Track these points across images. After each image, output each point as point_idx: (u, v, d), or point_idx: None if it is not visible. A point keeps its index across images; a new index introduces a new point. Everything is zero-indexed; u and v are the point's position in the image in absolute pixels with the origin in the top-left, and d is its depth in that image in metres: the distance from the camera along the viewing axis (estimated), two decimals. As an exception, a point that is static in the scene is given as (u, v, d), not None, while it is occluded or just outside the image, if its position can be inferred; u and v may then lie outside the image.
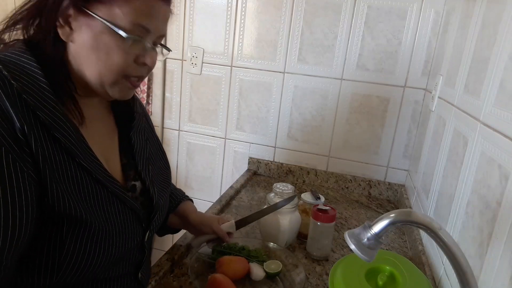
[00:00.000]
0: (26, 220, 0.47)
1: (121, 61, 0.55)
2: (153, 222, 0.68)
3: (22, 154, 0.48)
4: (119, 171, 0.66)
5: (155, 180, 0.71)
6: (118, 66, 0.55)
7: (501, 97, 0.64)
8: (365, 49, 1.33)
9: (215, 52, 1.50)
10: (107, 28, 0.53)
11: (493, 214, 0.60)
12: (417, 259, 0.94)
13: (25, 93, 0.49)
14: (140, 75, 0.59)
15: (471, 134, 0.75)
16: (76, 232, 0.52)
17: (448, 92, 0.99)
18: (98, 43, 0.54)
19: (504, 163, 0.59)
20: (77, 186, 0.53)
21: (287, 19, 1.38)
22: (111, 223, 0.57)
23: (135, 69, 0.58)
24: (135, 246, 0.64)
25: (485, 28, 0.78)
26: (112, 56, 0.55)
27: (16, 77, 0.50)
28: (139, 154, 0.69)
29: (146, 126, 0.77)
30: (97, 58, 0.55)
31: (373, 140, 1.40)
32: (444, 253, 0.48)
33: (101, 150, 0.62)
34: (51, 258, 0.52)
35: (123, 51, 0.55)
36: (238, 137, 1.55)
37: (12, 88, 0.49)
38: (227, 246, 0.88)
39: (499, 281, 0.54)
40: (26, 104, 0.49)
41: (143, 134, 0.73)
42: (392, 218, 0.49)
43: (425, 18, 1.26)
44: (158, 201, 0.69)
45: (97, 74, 0.56)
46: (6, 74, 0.49)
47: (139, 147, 0.70)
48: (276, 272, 0.84)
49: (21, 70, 0.52)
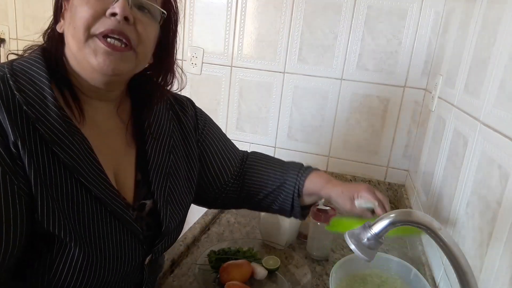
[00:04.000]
0: (14, 234, 0.46)
1: (85, 14, 0.52)
2: (157, 247, 0.64)
3: (15, 167, 0.47)
4: (131, 187, 0.62)
5: (172, 198, 0.66)
6: (82, 19, 0.52)
7: (501, 97, 0.64)
8: (365, 49, 1.33)
9: (215, 52, 1.50)
10: None
11: (493, 214, 0.60)
12: (417, 259, 0.94)
13: (27, 105, 0.49)
14: (109, 27, 0.52)
15: (471, 134, 0.75)
16: (66, 253, 0.50)
17: (448, 92, 0.99)
18: (71, 10, 0.54)
19: (504, 163, 0.59)
20: (71, 203, 0.51)
21: (287, 19, 1.38)
22: (105, 246, 0.54)
23: (103, 22, 0.52)
24: (133, 268, 0.60)
25: (485, 28, 0.78)
26: (79, 12, 0.52)
27: (21, 88, 0.50)
28: (156, 170, 0.64)
29: (176, 131, 0.72)
30: (69, 23, 0.54)
31: (373, 140, 1.40)
32: (444, 253, 0.48)
33: (112, 165, 0.59)
34: (41, 276, 0.50)
35: (87, 3, 0.52)
36: (238, 137, 1.55)
37: (14, 100, 0.48)
38: (223, 251, 0.88)
39: (499, 281, 0.54)
40: (26, 116, 0.49)
41: (165, 145, 0.67)
42: (392, 218, 0.49)
43: (425, 18, 1.26)
44: (168, 226, 0.64)
45: (72, 39, 0.54)
46: (11, 84, 0.49)
47: (157, 161, 0.65)
48: (276, 268, 0.85)
49: (28, 80, 0.51)
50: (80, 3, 0.53)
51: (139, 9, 0.56)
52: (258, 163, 0.85)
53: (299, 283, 0.82)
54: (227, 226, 1.09)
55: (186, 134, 0.75)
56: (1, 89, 0.49)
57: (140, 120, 0.67)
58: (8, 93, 0.48)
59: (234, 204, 0.86)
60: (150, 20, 0.58)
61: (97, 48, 0.53)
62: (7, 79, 0.50)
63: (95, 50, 0.53)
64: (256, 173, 0.83)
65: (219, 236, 1.03)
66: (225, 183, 0.80)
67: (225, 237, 1.03)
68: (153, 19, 0.59)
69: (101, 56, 0.53)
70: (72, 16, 0.53)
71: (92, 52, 0.53)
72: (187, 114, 0.77)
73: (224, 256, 0.86)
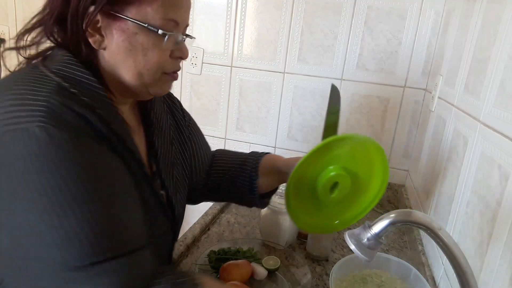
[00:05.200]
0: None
1: (159, 59, 0.55)
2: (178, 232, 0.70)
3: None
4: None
5: (178, 187, 0.70)
6: (157, 64, 0.55)
7: (501, 97, 0.64)
8: (365, 49, 1.33)
9: (215, 52, 1.50)
10: (141, 28, 0.52)
11: (493, 214, 0.60)
12: (417, 259, 0.94)
13: (97, 108, 0.50)
14: (178, 69, 0.59)
15: (471, 134, 0.75)
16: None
17: (448, 92, 0.99)
18: (133, 45, 0.53)
19: (504, 163, 0.59)
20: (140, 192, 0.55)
21: (287, 19, 1.38)
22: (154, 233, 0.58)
23: (171, 63, 0.57)
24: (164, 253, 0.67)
25: (485, 28, 0.78)
26: (150, 56, 0.54)
27: (84, 93, 0.50)
28: (164, 159, 0.67)
29: (173, 123, 0.75)
30: (135, 60, 0.54)
31: (373, 140, 1.40)
32: (444, 253, 0.48)
33: None
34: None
35: (159, 48, 0.54)
36: (238, 137, 1.55)
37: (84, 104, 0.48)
38: (223, 251, 0.88)
39: (499, 281, 0.54)
40: (100, 118, 0.49)
41: (168, 135, 0.71)
42: (392, 218, 0.49)
43: (425, 18, 1.26)
44: (179, 211, 0.69)
45: (137, 76, 0.55)
46: (75, 92, 0.49)
47: (164, 151, 0.68)
48: (276, 268, 0.85)
49: (82, 86, 0.51)
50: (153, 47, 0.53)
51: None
52: (223, 153, 0.89)
53: (299, 283, 0.82)
54: (227, 226, 1.09)
55: (178, 126, 0.77)
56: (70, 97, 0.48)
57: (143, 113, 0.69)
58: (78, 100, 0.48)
59: (199, 197, 0.87)
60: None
61: (168, 81, 0.59)
62: (66, 87, 0.49)
63: (166, 83, 0.59)
64: (220, 159, 0.86)
65: (219, 236, 1.03)
66: (200, 177, 0.83)
67: (225, 237, 1.03)
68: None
69: (164, 86, 0.59)
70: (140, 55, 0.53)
71: (162, 85, 0.58)
72: (176, 107, 0.79)
73: (224, 256, 0.86)
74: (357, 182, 0.76)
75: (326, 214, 0.78)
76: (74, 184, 0.43)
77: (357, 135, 0.72)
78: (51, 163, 0.42)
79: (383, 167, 0.74)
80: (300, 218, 0.73)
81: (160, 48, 0.54)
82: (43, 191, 0.42)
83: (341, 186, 0.74)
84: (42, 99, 0.45)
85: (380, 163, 0.75)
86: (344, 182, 0.75)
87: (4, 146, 0.42)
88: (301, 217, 0.73)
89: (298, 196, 0.71)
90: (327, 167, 0.72)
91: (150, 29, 0.52)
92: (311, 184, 0.73)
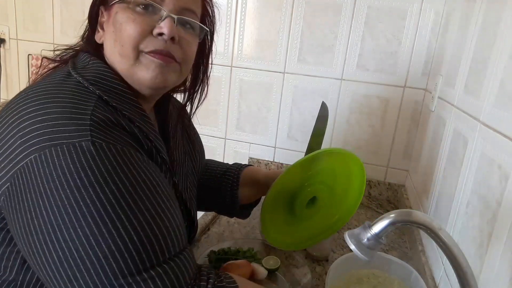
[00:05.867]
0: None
1: (133, 32, 0.52)
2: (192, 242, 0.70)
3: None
4: None
5: (192, 197, 0.70)
6: (129, 38, 0.52)
7: (501, 97, 0.64)
8: (365, 49, 1.33)
9: (215, 52, 1.49)
10: (119, 4, 0.52)
11: (493, 214, 0.60)
12: (417, 259, 0.94)
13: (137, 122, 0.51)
14: (157, 48, 0.53)
15: (471, 134, 0.75)
16: None
17: (448, 92, 0.99)
18: (115, 26, 0.53)
19: (504, 163, 0.59)
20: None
21: (287, 20, 1.38)
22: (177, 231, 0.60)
23: (150, 41, 0.53)
24: None
25: (485, 28, 0.78)
26: (125, 30, 0.52)
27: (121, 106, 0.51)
28: (179, 171, 0.67)
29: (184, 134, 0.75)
30: (115, 40, 0.53)
31: (373, 140, 1.40)
32: (444, 253, 0.48)
33: None
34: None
35: (133, 21, 0.52)
36: (238, 137, 1.55)
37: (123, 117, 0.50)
38: (223, 251, 0.88)
39: (499, 281, 0.54)
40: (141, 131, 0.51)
41: (182, 146, 0.70)
42: (392, 218, 0.49)
43: (425, 19, 1.26)
44: (196, 220, 0.69)
45: (119, 57, 0.53)
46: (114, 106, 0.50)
47: (180, 163, 0.68)
48: (276, 268, 0.85)
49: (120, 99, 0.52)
50: (126, 20, 0.52)
51: (182, 25, 0.57)
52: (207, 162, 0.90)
53: (299, 283, 0.82)
54: (227, 226, 1.09)
55: (188, 135, 0.77)
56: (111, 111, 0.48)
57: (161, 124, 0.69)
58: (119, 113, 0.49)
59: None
60: (193, 37, 0.59)
61: (149, 63, 0.54)
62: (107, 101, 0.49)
63: (148, 65, 0.54)
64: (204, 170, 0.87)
65: (219, 236, 1.03)
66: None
67: (225, 237, 1.03)
68: (195, 35, 0.60)
69: (154, 69, 0.54)
70: (117, 33, 0.53)
71: (144, 67, 0.54)
72: (186, 115, 0.78)
73: (224, 256, 0.86)
74: (333, 196, 0.79)
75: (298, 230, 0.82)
76: (125, 195, 0.43)
77: (337, 149, 0.74)
78: (102, 176, 0.42)
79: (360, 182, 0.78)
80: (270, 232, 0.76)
81: (135, 21, 0.52)
82: (96, 204, 0.41)
83: (319, 200, 0.77)
84: (89, 113, 0.45)
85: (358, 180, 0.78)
86: (322, 196, 0.78)
87: (52, 161, 0.41)
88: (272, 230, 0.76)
89: (274, 209, 0.73)
90: (307, 182, 0.74)
91: (124, 3, 0.52)
92: (289, 198, 0.75)
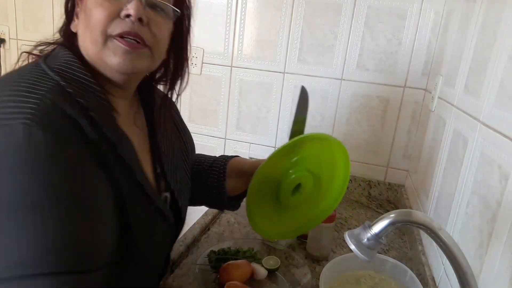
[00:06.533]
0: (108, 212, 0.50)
1: (100, 16, 0.52)
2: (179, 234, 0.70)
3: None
4: (153, 182, 0.64)
5: (182, 190, 0.69)
6: (97, 22, 0.52)
7: (501, 97, 0.64)
8: (365, 49, 1.33)
9: (215, 52, 1.50)
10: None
11: (493, 214, 0.60)
12: (417, 259, 0.94)
13: (92, 111, 0.49)
14: (126, 30, 0.53)
15: (471, 134, 0.75)
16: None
17: (448, 92, 0.99)
18: (85, 12, 0.54)
19: (504, 163, 0.59)
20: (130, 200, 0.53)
21: (287, 19, 1.38)
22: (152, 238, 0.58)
23: (118, 23, 0.53)
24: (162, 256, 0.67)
25: (485, 28, 0.78)
26: (93, 15, 0.52)
27: (79, 94, 0.50)
28: (168, 162, 0.67)
29: (173, 127, 0.74)
30: (85, 25, 0.54)
31: (373, 140, 1.40)
32: (444, 253, 0.48)
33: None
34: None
35: (100, 5, 0.52)
36: (238, 137, 1.55)
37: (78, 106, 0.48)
38: (223, 251, 0.88)
39: (499, 281, 0.54)
40: (93, 121, 0.49)
41: (170, 138, 0.70)
42: (392, 218, 0.49)
43: (425, 19, 1.26)
44: (185, 212, 0.69)
45: (89, 42, 0.54)
46: (70, 92, 0.49)
47: (167, 154, 0.67)
48: (276, 268, 0.85)
49: (80, 86, 0.51)
50: (94, 5, 0.53)
51: (152, 8, 0.56)
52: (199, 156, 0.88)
53: (299, 283, 0.82)
54: (227, 226, 1.09)
55: (178, 129, 0.77)
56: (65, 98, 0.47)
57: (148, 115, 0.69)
58: (72, 101, 0.48)
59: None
60: (163, 19, 0.58)
61: (116, 48, 0.53)
62: (63, 86, 0.49)
63: (115, 51, 0.53)
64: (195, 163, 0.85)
65: (219, 236, 1.03)
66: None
67: (225, 237, 1.03)
68: (167, 17, 0.59)
69: (121, 55, 0.53)
70: (87, 18, 0.53)
71: (111, 53, 0.53)
72: (175, 109, 0.78)
73: (224, 256, 0.86)
74: (319, 184, 0.78)
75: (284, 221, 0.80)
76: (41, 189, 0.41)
77: (320, 135, 0.71)
78: (25, 163, 0.41)
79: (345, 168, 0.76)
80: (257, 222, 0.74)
81: (102, 5, 0.52)
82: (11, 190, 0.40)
83: (304, 188, 0.75)
84: (36, 97, 0.45)
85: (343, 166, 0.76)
86: (306, 183, 0.75)
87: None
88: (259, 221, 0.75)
89: (260, 199, 0.72)
90: (291, 169, 0.73)
91: None
92: (274, 187, 0.73)
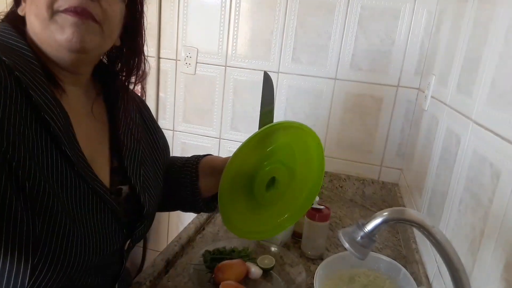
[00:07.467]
0: None
1: None
2: (138, 231, 0.64)
3: None
4: (107, 174, 0.62)
5: (148, 185, 0.67)
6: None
7: (492, 96, 0.64)
8: (358, 48, 1.34)
9: (209, 52, 1.50)
10: None
11: (484, 212, 0.60)
12: (411, 257, 0.95)
13: (18, 71, 0.48)
14: (72, 4, 0.51)
15: (463, 132, 0.76)
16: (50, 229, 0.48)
17: (441, 92, 1.00)
18: None
19: (495, 161, 0.59)
20: (55, 174, 0.50)
21: (281, 19, 1.38)
22: (87, 223, 0.53)
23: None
24: (113, 253, 0.61)
25: (477, 28, 0.78)
26: None
27: (7, 54, 0.49)
28: (130, 157, 0.65)
29: (141, 123, 0.73)
30: (31, 2, 0.53)
31: (366, 139, 1.41)
32: (437, 251, 0.48)
33: (88, 150, 0.58)
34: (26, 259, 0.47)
35: None
36: (232, 137, 1.55)
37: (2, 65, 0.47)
38: (218, 251, 0.88)
39: (491, 278, 0.55)
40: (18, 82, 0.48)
41: (135, 134, 0.68)
42: (386, 217, 0.50)
43: (418, 18, 1.27)
44: (149, 209, 0.65)
45: (35, 18, 0.53)
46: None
47: (130, 149, 0.66)
48: (271, 267, 0.85)
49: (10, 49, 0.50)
50: None
51: None
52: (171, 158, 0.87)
53: (294, 282, 0.82)
54: (222, 226, 1.09)
55: (148, 126, 0.76)
56: None
57: (110, 108, 0.67)
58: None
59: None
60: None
61: (64, 22, 0.51)
62: None
63: (62, 25, 0.51)
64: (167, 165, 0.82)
65: (214, 236, 1.03)
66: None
67: (220, 237, 1.03)
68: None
69: (69, 29, 0.51)
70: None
71: (59, 27, 0.51)
72: (146, 109, 0.77)
73: (219, 256, 0.86)
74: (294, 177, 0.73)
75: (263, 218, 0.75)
76: None
77: (292, 123, 0.67)
78: None
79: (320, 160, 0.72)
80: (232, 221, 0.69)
81: None
82: None
83: (278, 182, 0.71)
84: None
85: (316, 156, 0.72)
86: (281, 176, 0.71)
87: None
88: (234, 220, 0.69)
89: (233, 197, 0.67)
90: (265, 161, 0.68)
91: None
92: (247, 183, 0.68)
